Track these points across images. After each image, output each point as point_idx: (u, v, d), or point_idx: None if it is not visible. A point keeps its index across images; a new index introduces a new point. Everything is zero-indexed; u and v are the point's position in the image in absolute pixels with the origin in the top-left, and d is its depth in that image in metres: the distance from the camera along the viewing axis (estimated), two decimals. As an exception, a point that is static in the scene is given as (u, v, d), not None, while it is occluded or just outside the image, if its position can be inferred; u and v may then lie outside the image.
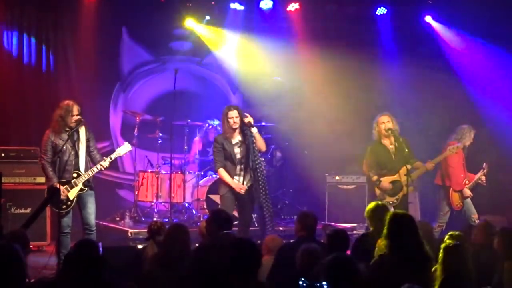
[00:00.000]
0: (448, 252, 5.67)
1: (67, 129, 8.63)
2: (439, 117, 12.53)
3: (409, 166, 9.43)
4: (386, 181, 9.67)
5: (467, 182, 10.28)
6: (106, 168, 8.87)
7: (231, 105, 9.38)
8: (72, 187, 8.63)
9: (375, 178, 9.70)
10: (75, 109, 8.72)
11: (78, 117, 8.69)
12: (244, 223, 9.09)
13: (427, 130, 12.49)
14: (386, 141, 9.78)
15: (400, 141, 9.52)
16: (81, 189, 8.70)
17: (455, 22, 12.86)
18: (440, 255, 5.68)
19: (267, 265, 6.68)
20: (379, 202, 7.76)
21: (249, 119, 9.02)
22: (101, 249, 5.31)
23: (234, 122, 8.97)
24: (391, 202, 9.49)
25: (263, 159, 11.61)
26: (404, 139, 9.58)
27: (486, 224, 7.30)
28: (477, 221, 9.93)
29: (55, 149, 8.59)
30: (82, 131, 8.78)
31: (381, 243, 6.45)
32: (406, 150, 9.42)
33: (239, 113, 9.03)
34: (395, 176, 9.66)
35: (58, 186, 8.57)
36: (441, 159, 10.00)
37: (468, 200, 10.35)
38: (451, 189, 10.28)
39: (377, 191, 9.75)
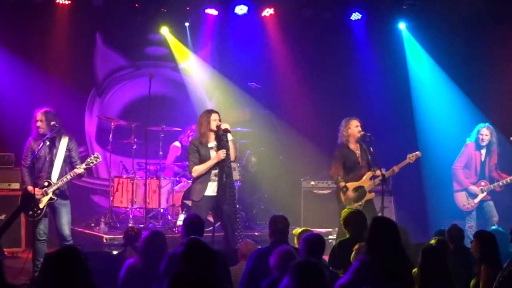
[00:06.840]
0: (427, 255, 5.72)
1: (44, 136, 8.64)
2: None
3: (370, 173, 9.56)
4: (350, 188, 9.70)
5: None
6: (82, 175, 8.85)
7: (211, 109, 9.40)
8: (43, 195, 8.62)
9: (342, 184, 9.67)
10: (38, 115, 8.75)
11: (41, 123, 8.69)
12: (230, 228, 8.98)
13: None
14: (353, 146, 9.82)
15: (364, 147, 9.63)
16: (51, 198, 8.68)
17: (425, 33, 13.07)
18: (419, 258, 5.73)
19: (242, 271, 6.71)
20: (353, 208, 7.82)
21: (226, 125, 9.02)
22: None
23: (217, 125, 9.00)
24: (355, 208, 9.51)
25: (238, 164, 11.69)
26: (367, 146, 9.64)
27: (453, 228, 7.38)
28: (496, 224, 10.08)
29: (33, 155, 8.60)
30: (64, 141, 8.78)
31: (357, 248, 6.50)
32: (369, 156, 9.54)
33: (219, 117, 9.10)
34: (360, 181, 9.72)
35: (31, 190, 8.56)
36: (404, 165, 9.91)
37: (490, 202, 10.56)
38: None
39: (342, 197, 9.73)
